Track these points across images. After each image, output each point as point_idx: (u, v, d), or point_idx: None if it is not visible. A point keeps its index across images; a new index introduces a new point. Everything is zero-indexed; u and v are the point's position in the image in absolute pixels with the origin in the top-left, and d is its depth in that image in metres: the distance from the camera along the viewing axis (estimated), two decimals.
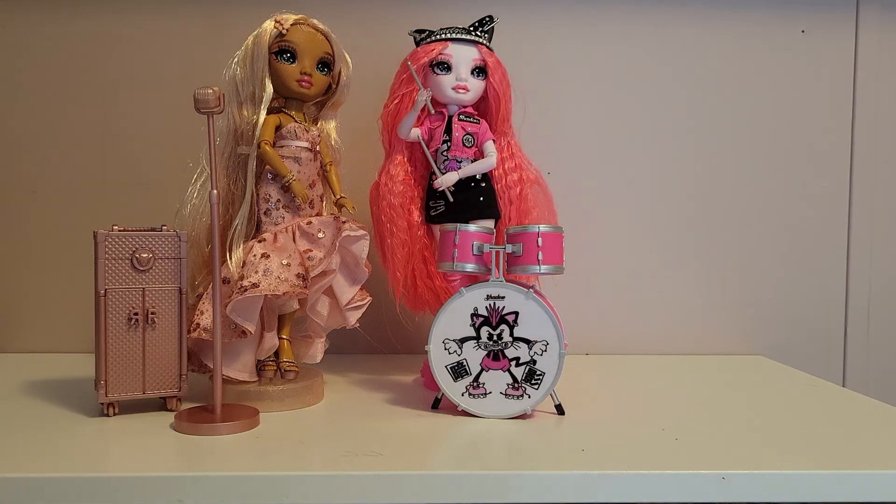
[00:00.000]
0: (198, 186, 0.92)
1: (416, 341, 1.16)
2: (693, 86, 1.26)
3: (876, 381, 1.29)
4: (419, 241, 0.99)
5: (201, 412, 0.82)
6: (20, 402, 0.90)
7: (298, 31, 0.92)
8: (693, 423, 0.85)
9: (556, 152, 1.23)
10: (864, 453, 0.76)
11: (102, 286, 0.82)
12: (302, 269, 0.88)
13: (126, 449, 0.74)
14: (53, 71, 1.18)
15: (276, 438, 0.77)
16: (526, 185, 1.00)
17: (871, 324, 1.29)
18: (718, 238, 1.27)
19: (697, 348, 1.27)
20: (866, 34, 1.26)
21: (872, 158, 1.28)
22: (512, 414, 0.85)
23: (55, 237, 1.19)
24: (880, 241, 1.29)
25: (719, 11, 1.25)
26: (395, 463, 0.70)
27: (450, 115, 0.98)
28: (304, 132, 0.93)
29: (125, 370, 0.83)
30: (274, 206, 0.92)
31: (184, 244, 0.85)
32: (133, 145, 1.19)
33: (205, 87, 0.78)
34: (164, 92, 1.18)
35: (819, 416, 0.91)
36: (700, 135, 1.26)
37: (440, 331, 0.86)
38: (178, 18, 1.19)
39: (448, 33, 0.97)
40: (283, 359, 0.94)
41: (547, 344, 0.83)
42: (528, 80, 1.06)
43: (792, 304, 1.28)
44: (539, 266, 0.85)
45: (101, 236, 0.82)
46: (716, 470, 0.69)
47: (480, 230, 0.88)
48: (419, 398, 0.93)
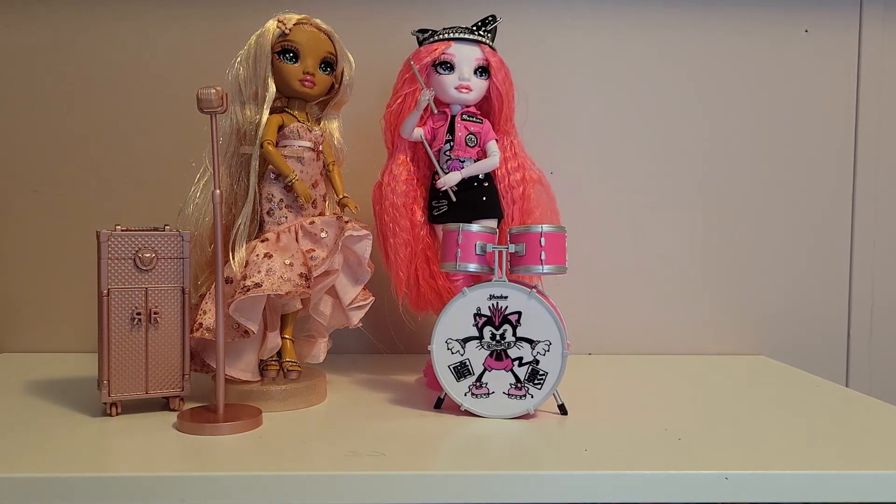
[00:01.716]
0: (200, 186, 0.92)
1: (419, 341, 1.16)
2: (696, 85, 1.25)
3: (879, 381, 1.29)
4: (422, 241, 0.99)
5: (204, 412, 0.82)
6: (23, 401, 0.90)
7: (301, 30, 0.92)
8: (696, 424, 0.85)
9: (558, 152, 1.23)
10: (867, 454, 0.76)
11: (105, 286, 0.82)
12: (305, 268, 0.88)
13: (129, 449, 0.74)
14: (56, 70, 1.18)
15: (278, 438, 0.77)
16: (529, 185, 1.00)
17: (874, 324, 1.29)
18: (721, 238, 1.27)
19: (700, 348, 1.27)
20: (870, 33, 1.26)
21: (876, 157, 1.28)
22: (515, 414, 0.84)
23: (58, 237, 1.19)
24: (884, 241, 1.28)
25: (722, 11, 1.25)
26: (398, 463, 0.70)
27: (453, 114, 0.98)
28: (307, 132, 0.93)
29: (128, 370, 0.83)
30: (277, 206, 0.92)
31: (187, 244, 0.85)
32: (136, 145, 1.19)
33: (207, 87, 0.78)
34: (166, 91, 1.18)
35: (822, 416, 0.91)
36: (702, 134, 1.26)
37: (443, 331, 0.86)
38: (181, 18, 1.19)
39: (451, 33, 0.97)
40: (285, 359, 0.94)
41: (550, 344, 0.83)
42: (531, 79, 1.06)
43: (795, 305, 1.28)
44: (542, 266, 0.85)
45: (104, 236, 0.82)
46: (719, 470, 0.69)
47: (483, 230, 0.88)
48: (422, 398, 0.93)
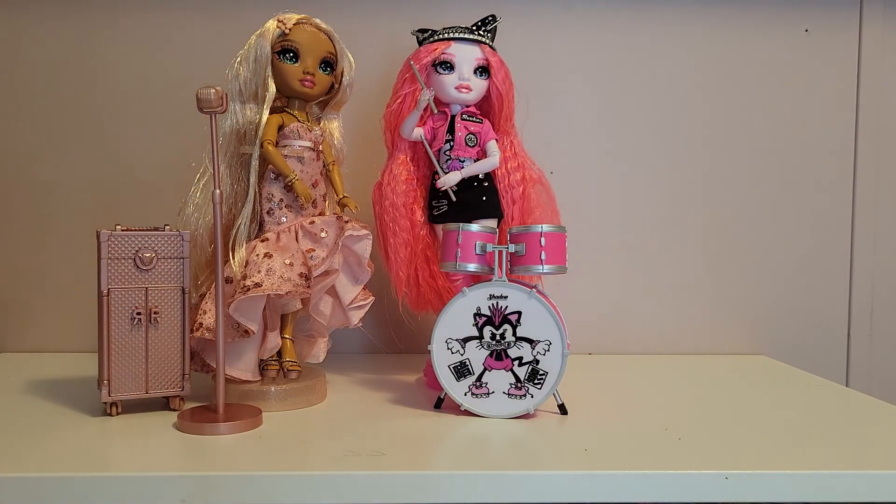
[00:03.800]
0: (200, 186, 0.92)
1: (419, 341, 1.16)
2: (696, 85, 1.25)
3: (879, 380, 1.29)
4: (422, 241, 0.99)
5: (204, 412, 0.82)
6: (23, 401, 0.90)
7: (301, 30, 0.92)
8: (696, 423, 0.85)
9: (558, 152, 1.23)
10: (868, 453, 0.76)
11: (105, 286, 0.82)
12: (304, 268, 0.88)
13: (129, 448, 0.74)
14: (56, 70, 1.18)
15: (278, 438, 0.77)
16: (529, 185, 1.00)
17: (874, 323, 1.29)
18: (721, 238, 1.27)
19: (700, 348, 1.27)
20: (870, 33, 1.26)
21: (876, 157, 1.28)
22: (515, 414, 0.84)
23: (58, 237, 1.19)
24: (884, 240, 1.28)
25: (723, 11, 1.25)
26: (398, 463, 0.70)
27: (453, 114, 0.98)
28: (307, 132, 0.93)
29: (128, 370, 0.83)
30: (277, 206, 0.92)
31: (186, 244, 0.85)
32: (136, 145, 1.19)
33: (207, 87, 0.78)
34: (166, 91, 1.18)
35: (822, 416, 0.91)
36: (703, 134, 1.26)
37: (443, 330, 0.86)
38: (181, 18, 1.19)
39: (451, 33, 0.97)
40: (285, 358, 0.94)
41: (550, 344, 0.83)
42: (531, 79, 1.06)
43: (795, 304, 1.28)
44: (542, 266, 0.85)
45: (104, 236, 0.82)
46: (719, 470, 0.69)
47: (483, 230, 0.88)
48: (422, 398, 0.93)
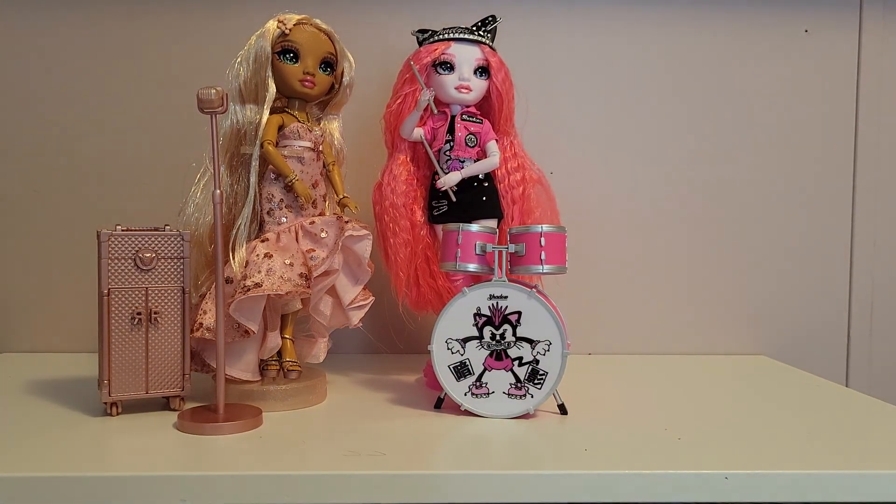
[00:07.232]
0: (201, 186, 0.92)
1: (419, 341, 1.16)
2: (696, 85, 1.25)
3: (879, 380, 1.29)
4: (422, 241, 0.99)
5: (204, 412, 0.82)
6: (23, 401, 0.90)
7: (301, 31, 0.92)
8: (696, 423, 0.85)
9: (558, 152, 1.23)
10: (867, 453, 0.76)
11: (106, 286, 0.82)
12: (305, 268, 0.88)
13: (129, 448, 0.74)
14: (56, 70, 1.18)
15: (278, 438, 0.77)
16: (529, 185, 1.00)
17: (874, 323, 1.29)
18: (721, 238, 1.27)
19: (700, 348, 1.27)
20: (869, 33, 1.26)
21: (875, 158, 1.28)
22: (515, 414, 0.85)
23: (58, 237, 1.19)
24: (883, 241, 1.28)
25: (722, 11, 1.25)
26: (398, 463, 0.70)
27: (453, 114, 0.98)
28: (307, 132, 0.93)
29: (128, 370, 0.83)
30: (277, 206, 0.92)
31: (187, 244, 0.85)
32: (136, 145, 1.19)
33: (208, 87, 0.78)
34: (166, 91, 1.18)
35: (822, 416, 0.91)
36: (702, 134, 1.26)
37: (443, 330, 0.86)
38: (181, 18, 1.19)
39: (451, 33, 0.97)
40: (286, 358, 0.94)
41: (550, 344, 0.83)
42: (531, 79, 1.06)
43: (795, 304, 1.28)
44: (542, 266, 0.85)
45: (104, 236, 0.82)
46: (719, 470, 0.69)
47: (483, 230, 0.88)
48: (422, 398, 0.94)
